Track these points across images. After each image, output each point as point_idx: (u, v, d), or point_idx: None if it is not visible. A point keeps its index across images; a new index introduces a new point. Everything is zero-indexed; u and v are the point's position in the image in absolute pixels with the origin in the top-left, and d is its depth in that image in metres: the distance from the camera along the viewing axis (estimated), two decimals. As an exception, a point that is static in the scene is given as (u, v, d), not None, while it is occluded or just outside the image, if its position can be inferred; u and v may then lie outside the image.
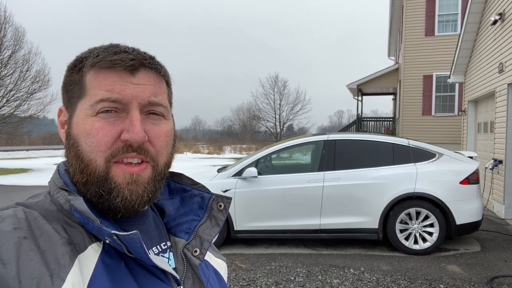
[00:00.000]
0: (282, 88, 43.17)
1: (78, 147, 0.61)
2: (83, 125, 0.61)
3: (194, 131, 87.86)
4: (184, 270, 0.68)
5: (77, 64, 0.65)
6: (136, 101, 0.62)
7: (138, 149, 0.61)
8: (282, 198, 5.36)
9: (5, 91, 19.10)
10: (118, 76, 0.62)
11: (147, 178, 0.64)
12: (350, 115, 77.21)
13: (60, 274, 0.52)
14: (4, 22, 18.58)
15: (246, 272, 4.49)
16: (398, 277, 4.29)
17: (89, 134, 0.60)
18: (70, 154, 0.63)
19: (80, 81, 0.63)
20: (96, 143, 0.60)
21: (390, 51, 21.07)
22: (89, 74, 0.62)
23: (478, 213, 5.22)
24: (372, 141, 5.63)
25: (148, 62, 0.64)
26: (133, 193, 0.62)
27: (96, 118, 0.60)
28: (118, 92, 0.61)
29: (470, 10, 8.81)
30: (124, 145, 0.61)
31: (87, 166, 0.61)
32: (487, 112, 8.73)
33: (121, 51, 0.63)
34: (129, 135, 0.60)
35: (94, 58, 0.62)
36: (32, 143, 51.85)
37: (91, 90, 0.62)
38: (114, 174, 0.61)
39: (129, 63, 0.62)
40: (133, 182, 0.62)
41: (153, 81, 0.65)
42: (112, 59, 0.62)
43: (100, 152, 0.60)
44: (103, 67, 0.62)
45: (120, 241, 0.57)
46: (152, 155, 0.64)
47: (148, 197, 0.64)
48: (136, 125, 0.60)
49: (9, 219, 0.56)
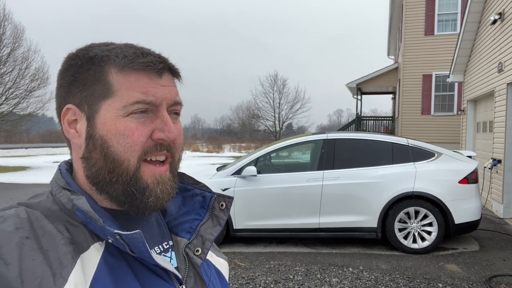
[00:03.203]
0: (282, 86, 43.13)
1: (109, 147, 0.61)
2: (115, 126, 0.61)
3: (193, 129, 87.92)
4: (186, 270, 0.69)
5: (96, 62, 0.62)
6: (165, 102, 0.64)
7: (168, 147, 0.65)
8: (282, 197, 5.37)
9: (4, 89, 19.08)
10: (149, 79, 0.63)
11: (170, 175, 0.67)
12: (350, 114, 77.40)
13: (63, 274, 0.52)
14: (4, 20, 18.55)
15: (245, 271, 4.50)
16: (396, 276, 4.30)
17: (123, 134, 0.61)
18: (95, 155, 0.62)
19: (105, 80, 0.62)
20: (132, 143, 0.61)
21: (390, 50, 21.07)
22: (119, 75, 0.62)
23: (477, 213, 5.23)
24: (371, 140, 5.63)
25: (172, 66, 0.68)
26: (164, 192, 0.65)
27: (128, 119, 0.61)
28: (153, 95, 0.62)
29: (470, 9, 8.81)
30: (156, 143, 0.63)
31: (120, 166, 0.61)
32: (486, 111, 8.74)
33: (145, 53, 0.64)
34: (164, 134, 0.63)
35: (123, 59, 0.62)
36: (31, 141, 51.86)
37: (121, 91, 0.61)
38: (144, 174, 0.63)
39: (159, 66, 0.64)
40: (162, 181, 0.65)
41: (173, 82, 0.68)
42: (143, 61, 0.63)
43: (134, 152, 0.61)
44: (135, 69, 0.62)
45: (123, 240, 0.57)
46: (173, 151, 0.67)
47: (174, 193, 0.68)
48: (170, 124, 0.63)
49: (11, 219, 0.56)
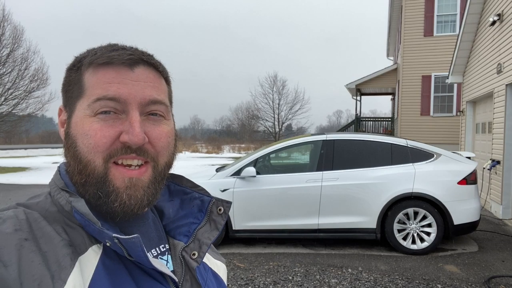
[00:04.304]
0: (281, 87, 43.18)
1: (76, 147, 0.60)
2: (81, 126, 0.60)
3: (193, 130, 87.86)
4: (182, 273, 0.68)
5: (76, 64, 0.64)
6: (136, 101, 0.60)
7: (138, 151, 0.60)
8: (281, 198, 5.36)
9: (3, 90, 19.05)
10: (116, 72, 0.60)
11: (147, 181, 0.63)
12: (349, 115, 77.40)
13: (61, 276, 0.52)
14: (3, 21, 18.53)
15: (244, 272, 4.49)
16: (396, 277, 4.30)
17: (87, 135, 0.59)
18: (68, 154, 0.62)
19: (79, 81, 0.62)
20: (94, 144, 0.59)
21: (389, 51, 21.07)
22: (88, 73, 0.61)
23: (476, 213, 5.23)
24: (371, 141, 5.63)
25: (147, 57, 0.63)
26: (131, 198, 0.61)
27: (94, 119, 0.59)
28: (115, 90, 0.59)
29: (469, 10, 8.82)
30: (123, 146, 0.60)
31: (86, 167, 0.60)
32: (485, 112, 8.75)
33: (119, 48, 0.63)
34: (128, 136, 0.59)
35: (92, 56, 0.62)
36: (30, 141, 51.77)
37: (89, 89, 0.61)
38: (113, 177, 0.60)
39: (127, 57, 0.61)
40: (132, 186, 0.61)
41: (153, 78, 0.63)
42: (109, 54, 0.61)
43: (98, 153, 0.59)
44: (101, 63, 0.61)
45: (121, 244, 0.57)
46: (152, 155, 0.63)
47: (148, 201, 0.63)
48: (135, 126, 0.59)
49: (10, 220, 0.55)
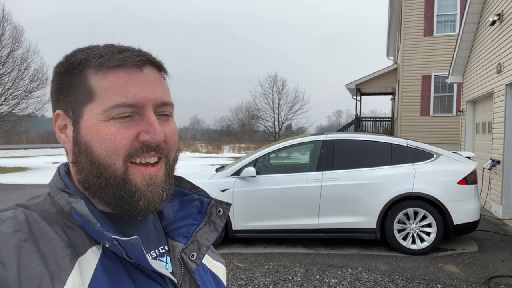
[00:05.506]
0: (281, 87, 43.28)
1: (93, 152, 0.60)
2: (96, 131, 0.59)
3: (192, 130, 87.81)
4: (181, 274, 0.68)
5: (76, 66, 0.62)
6: (151, 103, 0.62)
7: (156, 148, 0.63)
8: (281, 198, 5.36)
9: (3, 90, 19.06)
10: (128, 75, 0.61)
11: (163, 176, 0.65)
12: (349, 115, 77.43)
13: (61, 277, 0.52)
14: (3, 21, 18.54)
15: (244, 272, 4.49)
16: (395, 277, 4.30)
17: (105, 139, 0.59)
18: (82, 160, 0.61)
19: (84, 84, 0.61)
20: (114, 147, 0.59)
21: (389, 51, 21.08)
22: (97, 76, 0.60)
23: (476, 213, 5.24)
24: (371, 141, 5.64)
25: (153, 58, 0.65)
26: (154, 195, 0.63)
27: (110, 123, 0.59)
28: (133, 96, 0.60)
29: (469, 10, 8.82)
30: (143, 145, 0.61)
31: (106, 170, 0.60)
32: (485, 112, 8.75)
33: (123, 49, 0.63)
34: (149, 136, 0.61)
35: (99, 59, 0.60)
36: (30, 141, 51.74)
37: (101, 94, 0.60)
38: (133, 176, 0.61)
39: (137, 59, 0.61)
40: (153, 183, 0.63)
41: (158, 78, 0.65)
42: (120, 57, 0.60)
43: (118, 156, 0.60)
44: (111, 66, 0.60)
45: (120, 245, 0.57)
46: (166, 152, 0.65)
47: (167, 196, 0.65)
48: (156, 126, 0.61)
49: (9, 221, 0.55)
